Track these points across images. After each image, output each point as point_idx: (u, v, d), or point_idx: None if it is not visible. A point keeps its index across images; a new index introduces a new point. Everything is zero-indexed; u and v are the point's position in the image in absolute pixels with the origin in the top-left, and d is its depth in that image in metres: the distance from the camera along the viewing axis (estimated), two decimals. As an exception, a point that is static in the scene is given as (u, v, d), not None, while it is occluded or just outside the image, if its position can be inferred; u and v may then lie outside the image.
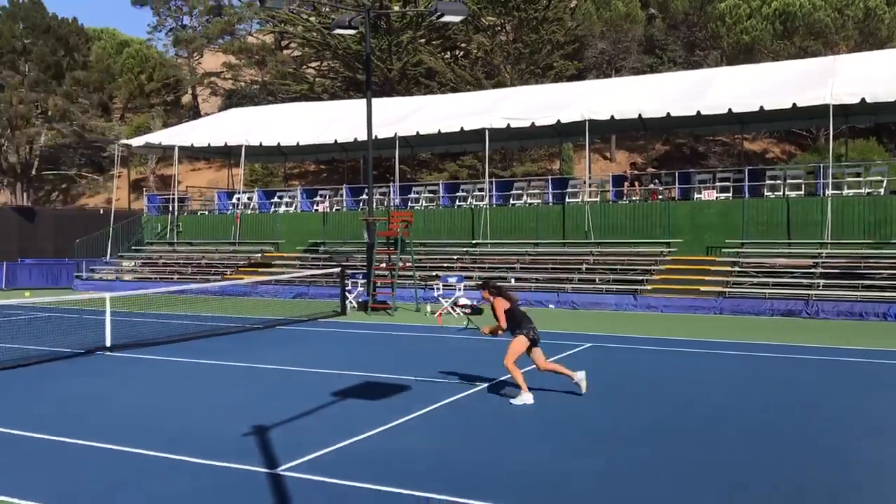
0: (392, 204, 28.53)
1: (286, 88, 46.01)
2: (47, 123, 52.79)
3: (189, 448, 7.43)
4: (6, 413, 9.06)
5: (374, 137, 22.86)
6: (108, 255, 31.73)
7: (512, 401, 9.45)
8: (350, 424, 8.27)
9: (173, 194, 32.47)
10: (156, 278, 28.63)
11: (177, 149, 32.38)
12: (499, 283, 10.25)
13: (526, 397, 9.41)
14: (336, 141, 29.58)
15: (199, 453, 7.26)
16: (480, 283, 10.46)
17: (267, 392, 10.30)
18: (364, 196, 28.61)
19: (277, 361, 12.52)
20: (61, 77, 53.44)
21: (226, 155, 36.67)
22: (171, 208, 32.40)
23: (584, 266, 23.11)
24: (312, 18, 43.84)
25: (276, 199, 32.18)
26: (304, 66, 50.08)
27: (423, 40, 42.49)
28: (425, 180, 36.37)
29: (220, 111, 48.31)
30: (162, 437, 7.92)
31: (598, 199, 25.54)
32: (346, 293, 21.06)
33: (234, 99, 54.37)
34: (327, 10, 39.61)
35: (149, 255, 31.47)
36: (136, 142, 34.21)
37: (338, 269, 21.80)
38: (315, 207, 30.87)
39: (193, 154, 40.65)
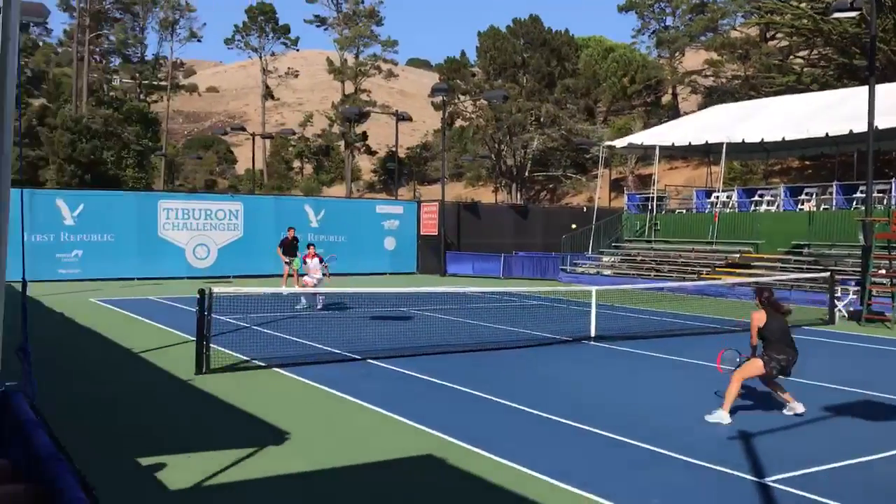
0: (894, 202, 25.29)
1: (770, 81, 43.84)
2: (539, 129, 58.21)
3: (672, 443, 7.55)
4: (507, 387, 10.22)
5: (874, 128, 20.50)
6: (590, 251, 33.76)
7: (708, 417, 8.53)
8: (847, 444, 7.59)
9: (652, 193, 33.21)
10: (633, 274, 29.61)
11: (657, 148, 33.02)
12: (769, 291, 8.90)
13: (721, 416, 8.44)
14: (827, 134, 27.18)
15: (683, 450, 7.33)
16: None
17: (744, 397, 9.96)
18: (859, 194, 25.87)
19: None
20: (553, 85, 58.50)
21: (704, 153, 36.28)
22: (649, 207, 33.21)
23: None
24: (803, 5, 40.96)
25: (756, 198, 30.86)
26: (791, 57, 47.15)
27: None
28: (937, 175, 31.47)
29: (699, 109, 48.02)
30: (646, 428, 8.17)
31: None
32: (836, 300, 19.29)
33: (714, 96, 53.62)
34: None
35: (627, 251, 32.66)
36: (620, 143, 35.72)
37: (826, 274, 20.09)
38: (799, 206, 28.85)
39: (672, 153, 41.06)
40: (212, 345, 11.02)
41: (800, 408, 8.73)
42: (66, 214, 27.63)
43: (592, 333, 14.73)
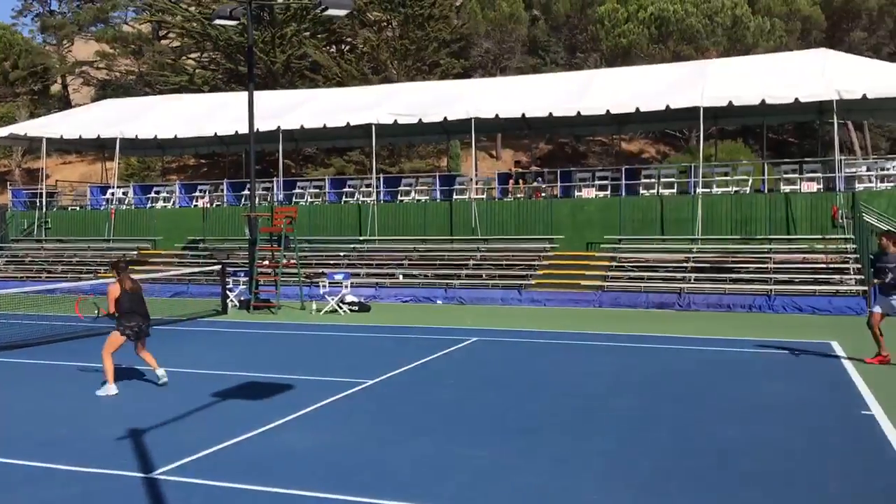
0: (276, 199, 27.98)
1: (164, 80, 44.34)
2: None
3: (60, 454, 7.06)
4: None
5: (256, 130, 22.32)
6: (-32, 253, 29.68)
7: (98, 392, 9.75)
8: (230, 426, 8.05)
9: (41, 189, 30.66)
10: (22, 277, 27.01)
11: (45, 140, 30.60)
12: (125, 262, 10.48)
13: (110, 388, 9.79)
14: (216, 134, 28.71)
15: (71, 460, 6.90)
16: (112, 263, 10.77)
17: (143, 395, 9.90)
18: (246, 191, 27.91)
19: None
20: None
21: (99, 148, 34.95)
22: (39, 203, 30.61)
23: (472, 262, 23.39)
24: (192, 8, 42.42)
25: (153, 195, 30.95)
26: (184, 57, 48.41)
27: (307, 33, 41.88)
28: (311, 176, 35.86)
29: (93, 102, 46.01)
30: (31, 442, 7.48)
31: (484, 197, 25.88)
32: (228, 291, 20.51)
33: (108, 90, 51.94)
34: (208, -1, 38.42)
35: (14, 252, 29.65)
36: (1, 132, 32.15)
37: (218, 267, 21.18)
38: (194, 203, 29.88)
39: (64, 147, 38.56)
40: None
41: (162, 373, 10.17)
42: None
43: (-33, 347, 12.93)
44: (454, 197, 26.00)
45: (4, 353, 13.02)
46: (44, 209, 30.40)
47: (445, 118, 25.17)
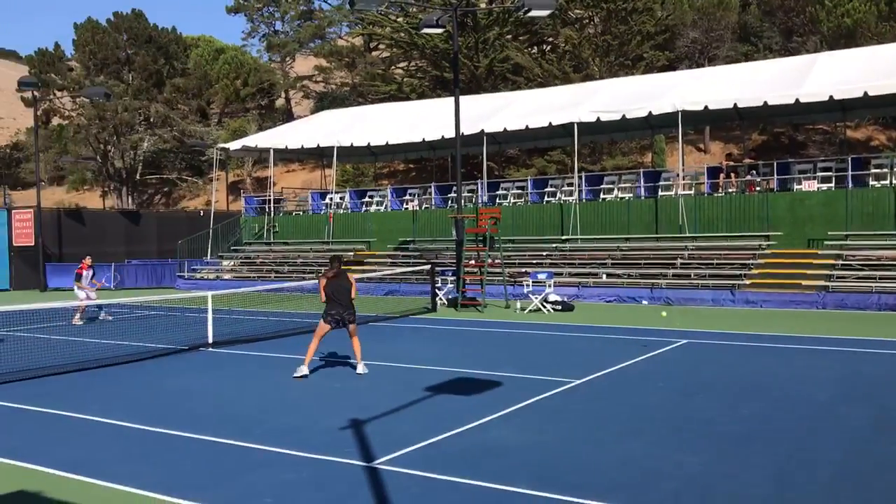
0: (480, 201, 28.61)
1: (375, 89, 46.69)
2: (150, 130, 55.23)
3: (290, 441, 7.68)
4: (118, 405, 9.56)
5: (461, 134, 22.97)
6: (209, 255, 32.95)
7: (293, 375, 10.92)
8: (442, 420, 8.37)
9: (269, 195, 33.46)
10: (254, 277, 29.56)
11: (272, 151, 33.34)
12: (338, 257, 11.47)
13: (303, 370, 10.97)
14: (424, 139, 29.85)
15: (300, 446, 7.50)
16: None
17: (362, 387, 10.52)
18: (452, 194, 28.77)
19: (371, 357, 12.74)
20: (162, 85, 55.86)
21: (318, 156, 37.54)
22: (267, 209, 33.39)
23: (679, 261, 22.62)
24: (400, 19, 44.33)
25: (366, 199, 32.74)
26: (393, 67, 50.71)
27: (509, 36, 42.41)
28: (513, 177, 36.28)
29: (311, 114, 49.48)
30: (263, 429, 8.21)
31: (692, 192, 24.92)
32: (437, 290, 21.26)
33: (325, 101, 55.55)
34: (415, 10, 39.98)
35: (247, 254, 32.50)
36: (233, 145, 35.38)
37: (427, 267, 22.03)
38: (405, 206, 31.26)
39: (287, 156, 41.76)
40: None
41: (362, 368, 11.24)
42: None
43: (210, 340, 14.39)
44: (659, 193, 25.25)
45: (238, 346, 14.33)
46: (271, 214, 33.09)
47: (650, 113, 24.52)
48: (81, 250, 33.12)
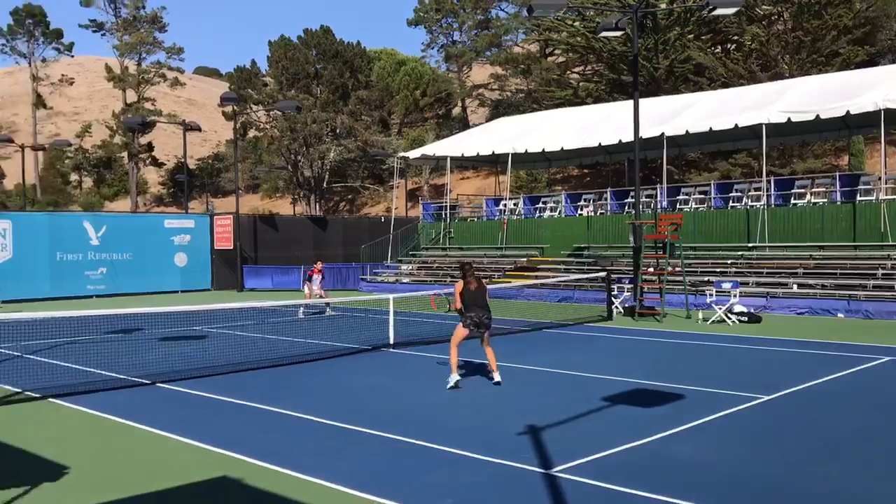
0: (659, 206, 27.77)
1: (550, 95, 46.62)
2: (335, 140, 58.15)
3: (470, 443, 7.80)
4: (308, 401, 10.10)
5: (639, 138, 22.42)
6: (389, 260, 34.18)
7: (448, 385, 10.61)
8: (621, 430, 8.20)
9: (445, 202, 34.23)
10: (431, 281, 30.32)
11: (448, 159, 34.09)
12: (469, 265, 11.33)
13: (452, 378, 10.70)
14: (600, 144, 29.40)
15: (479, 449, 7.60)
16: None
17: (539, 393, 10.51)
18: (629, 199, 28.13)
19: (547, 364, 12.73)
20: (347, 97, 58.64)
21: (493, 163, 37.96)
22: (443, 215, 34.17)
23: (881, 271, 20.86)
24: (577, 23, 44.01)
25: (540, 205, 32.71)
26: (568, 72, 50.46)
27: (691, 36, 40.95)
28: (694, 181, 34.94)
29: (487, 121, 50.12)
30: (444, 431, 8.39)
31: (895, 197, 22.92)
32: (612, 298, 20.85)
33: (500, 108, 56.17)
34: (592, 13, 39.54)
35: (424, 259, 33.41)
36: (412, 154, 36.50)
37: (603, 274, 21.66)
38: (579, 212, 30.93)
39: (463, 163, 42.54)
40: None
41: (497, 377, 11.00)
42: None
43: (391, 341, 14.91)
44: (858, 198, 23.42)
45: (413, 348, 14.73)
46: (447, 220, 33.83)
47: (848, 112, 22.84)
48: (274, 254, 35.52)
